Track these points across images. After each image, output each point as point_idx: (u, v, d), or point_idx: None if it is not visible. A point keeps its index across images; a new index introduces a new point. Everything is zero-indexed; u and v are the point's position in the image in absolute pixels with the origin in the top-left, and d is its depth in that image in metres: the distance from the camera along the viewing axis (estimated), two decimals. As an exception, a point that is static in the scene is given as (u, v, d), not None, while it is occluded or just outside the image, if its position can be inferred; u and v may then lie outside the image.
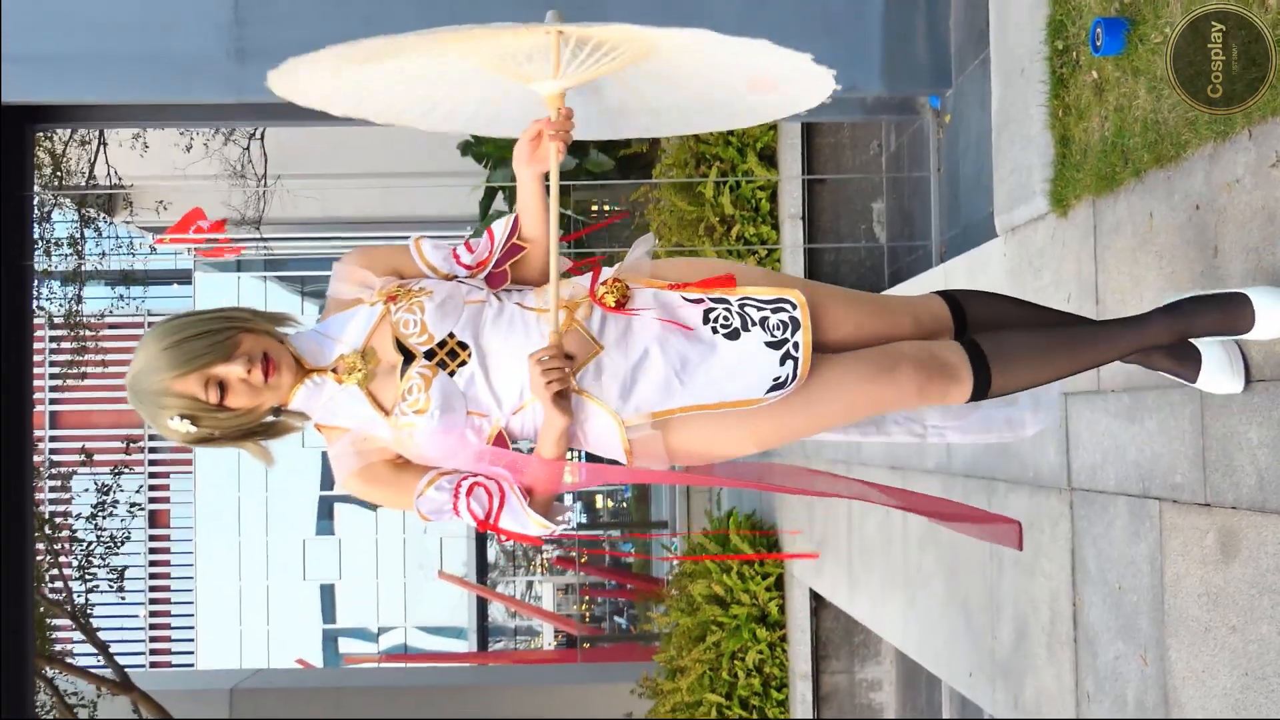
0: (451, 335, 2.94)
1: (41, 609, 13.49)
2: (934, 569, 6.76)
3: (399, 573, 32.53)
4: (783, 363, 2.97)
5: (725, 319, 3.02)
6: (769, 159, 11.00)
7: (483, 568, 32.70)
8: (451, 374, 2.94)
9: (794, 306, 3.02)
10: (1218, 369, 3.48)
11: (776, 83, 3.13)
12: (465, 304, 3.00)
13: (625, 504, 35.42)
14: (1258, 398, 3.46)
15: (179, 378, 2.82)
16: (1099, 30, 4.28)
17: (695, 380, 2.96)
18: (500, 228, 3.13)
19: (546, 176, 3.01)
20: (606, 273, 3.08)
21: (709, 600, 11.82)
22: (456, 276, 3.11)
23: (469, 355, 2.93)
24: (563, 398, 2.86)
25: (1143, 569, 4.15)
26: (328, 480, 32.61)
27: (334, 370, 2.97)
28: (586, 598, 33.30)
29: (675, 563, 13.75)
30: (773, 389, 2.97)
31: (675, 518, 21.57)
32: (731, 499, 14.15)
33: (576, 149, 17.14)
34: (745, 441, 3.07)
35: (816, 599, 10.93)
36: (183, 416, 2.85)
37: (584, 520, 34.90)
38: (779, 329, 3.00)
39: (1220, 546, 3.66)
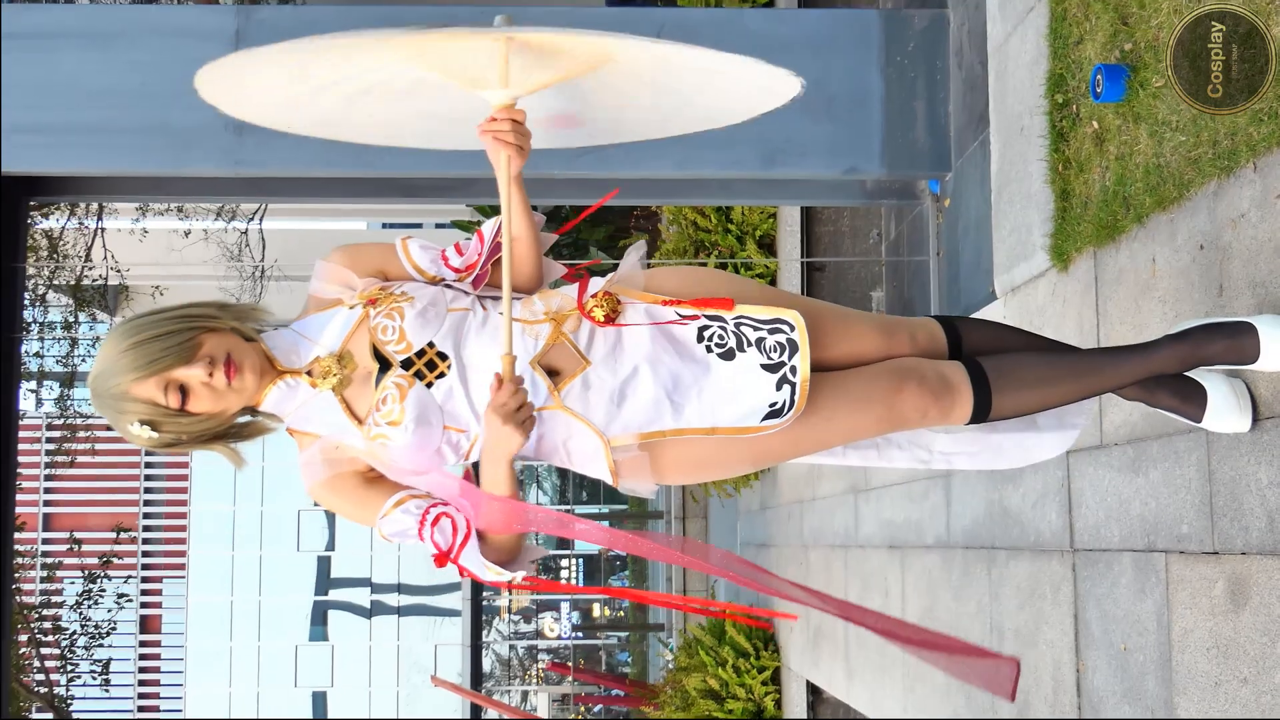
0: (431, 345, 2.81)
1: (21, 701, 13.19)
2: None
3: (392, 680, 32.07)
4: (779, 388, 2.84)
5: (720, 338, 2.88)
6: (768, 247, 10.95)
7: (477, 676, 32.25)
8: (429, 385, 2.80)
9: (791, 328, 2.87)
10: (1224, 406, 3.36)
11: (579, 119, 3.02)
12: (448, 312, 2.86)
13: (622, 612, 35.04)
14: (1267, 435, 3.33)
15: (137, 381, 2.68)
16: (1099, 77, 4.21)
17: (687, 402, 2.83)
18: (489, 228, 2.99)
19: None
20: (596, 283, 2.94)
21: (703, 695, 11.57)
22: (444, 279, 2.99)
23: (448, 367, 2.80)
24: (522, 426, 2.66)
25: (1149, 626, 3.99)
26: (323, 585, 32.34)
27: (309, 373, 2.84)
28: (582, 706, 32.81)
29: (669, 659, 13.49)
30: (769, 416, 2.83)
31: (671, 617, 21.31)
32: (728, 591, 13.93)
33: (578, 250, 17.17)
34: (742, 461, 2.94)
35: (814, 691, 10.68)
36: (143, 422, 2.72)
37: (577, 621, 34.52)
38: (776, 351, 2.86)
39: (1230, 595, 3.50)
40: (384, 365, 2.81)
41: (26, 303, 13.75)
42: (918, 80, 7.77)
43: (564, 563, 34.01)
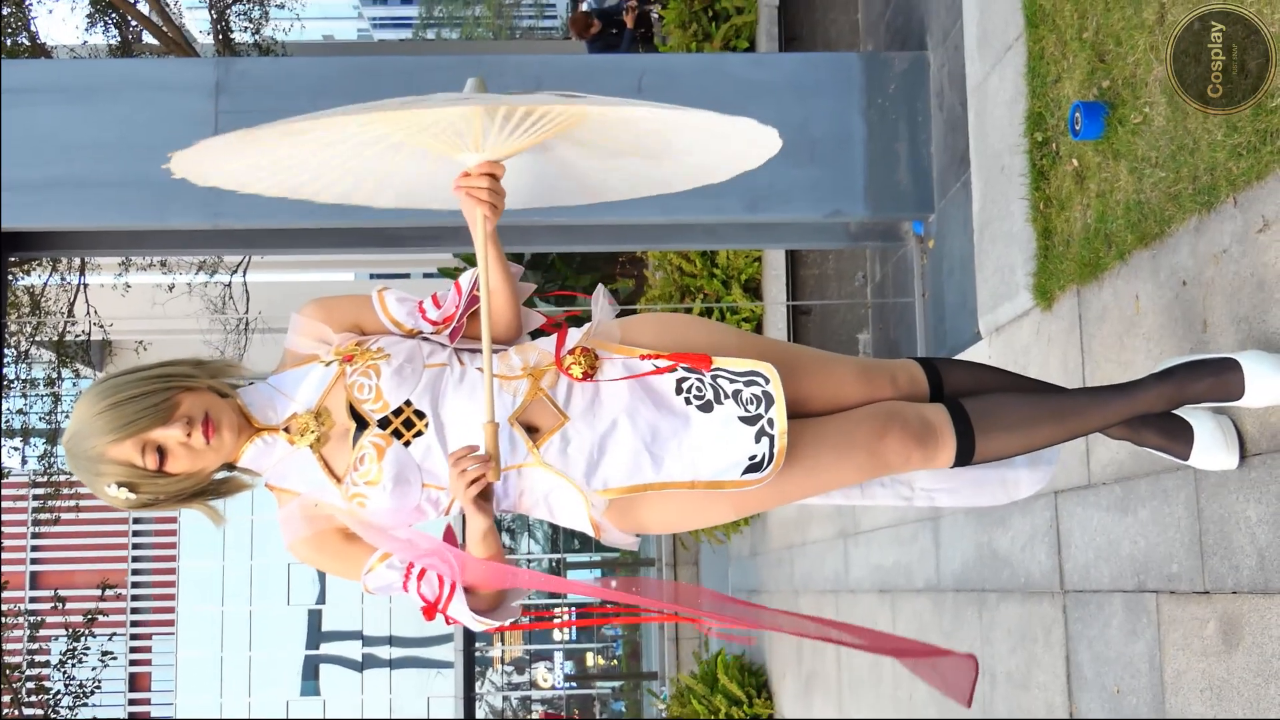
0: (408, 403, 2.77)
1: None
2: (925, 698, 6.50)
3: (385, 734, 31.85)
4: (758, 440, 2.79)
5: (698, 390, 2.84)
6: (754, 291, 10.91)
7: (470, 730, 32.04)
8: (407, 444, 2.76)
9: (767, 380, 2.83)
10: (1211, 443, 3.31)
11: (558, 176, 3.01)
12: (425, 367, 2.82)
13: (616, 660, 34.84)
14: (1254, 472, 3.28)
15: (114, 444, 2.64)
16: (1078, 114, 4.20)
17: (666, 454, 2.78)
18: (467, 280, 2.94)
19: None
20: (574, 336, 2.90)
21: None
22: (421, 332, 2.94)
23: (425, 425, 2.76)
24: (484, 499, 2.66)
25: (1141, 668, 3.93)
26: (314, 639, 32.12)
27: (286, 429, 2.79)
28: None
29: (662, 708, 13.38)
30: (749, 470, 2.78)
31: (664, 666, 21.18)
32: (720, 640, 13.83)
33: (560, 302, 17.13)
34: (725, 512, 2.90)
35: (807, 741, 10.59)
36: (120, 484, 2.67)
37: (571, 671, 34.28)
38: (753, 403, 2.81)
39: (1222, 635, 3.45)
40: (361, 424, 2.77)
41: (9, 359, 13.68)
42: (899, 122, 7.76)
43: (557, 611, 33.83)
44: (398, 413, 2.76)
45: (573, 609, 33.51)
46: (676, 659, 19.41)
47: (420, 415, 2.76)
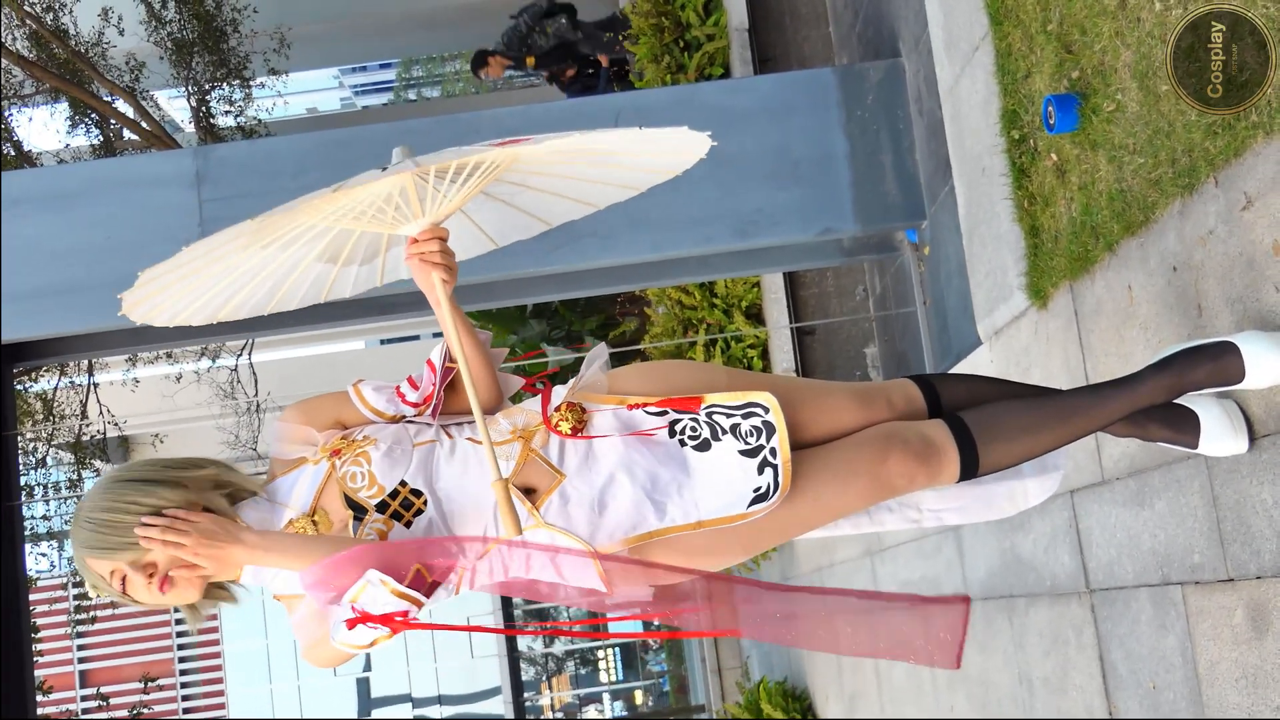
0: (404, 484, 2.74)
1: None
2: (965, 707, 6.42)
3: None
4: (761, 471, 2.75)
5: (693, 430, 2.79)
6: (755, 316, 10.86)
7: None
8: (408, 524, 2.72)
9: (765, 410, 2.79)
10: (1219, 430, 3.25)
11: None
12: (414, 447, 2.79)
13: (665, 694, 34.71)
14: (1265, 454, 3.22)
15: (89, 557, 2.67)
16: (1051, 109, 4.15)
17: (668, 500, 2.74)
18: (437, 356, 2.92)
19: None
20: (559, 393, 2.86)
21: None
22: (404, 416, 2.91)
23: (424, 503, 2.73)
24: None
25: (1174, 662, 3.86)
26: (365, 707, 32.03)
27: None
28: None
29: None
30: (755, 501, 2.73)
31: (710, 698, 21.07)
32: (762, 667, 13.75)
33: (571, 341, 17.10)
34: (733, 551, 2.84)
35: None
36: (94, 588, 2.69)
37: (625, 714, 34.12)
38: (752, 435, 2.77)
39: (1250, 622, 3.38)
40: (359, 512, 2.73)
41: (28, 467, 13.68)
42: (881, 132, 7.72)
43: (600, 654, 33.71)
44: (394, 495, 2.73)
45: (617, 648, 33.44)
46: (721, 690, 19.31)
47: (417, 494, 2.74)
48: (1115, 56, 3.85)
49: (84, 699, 27.88)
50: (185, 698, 31.07)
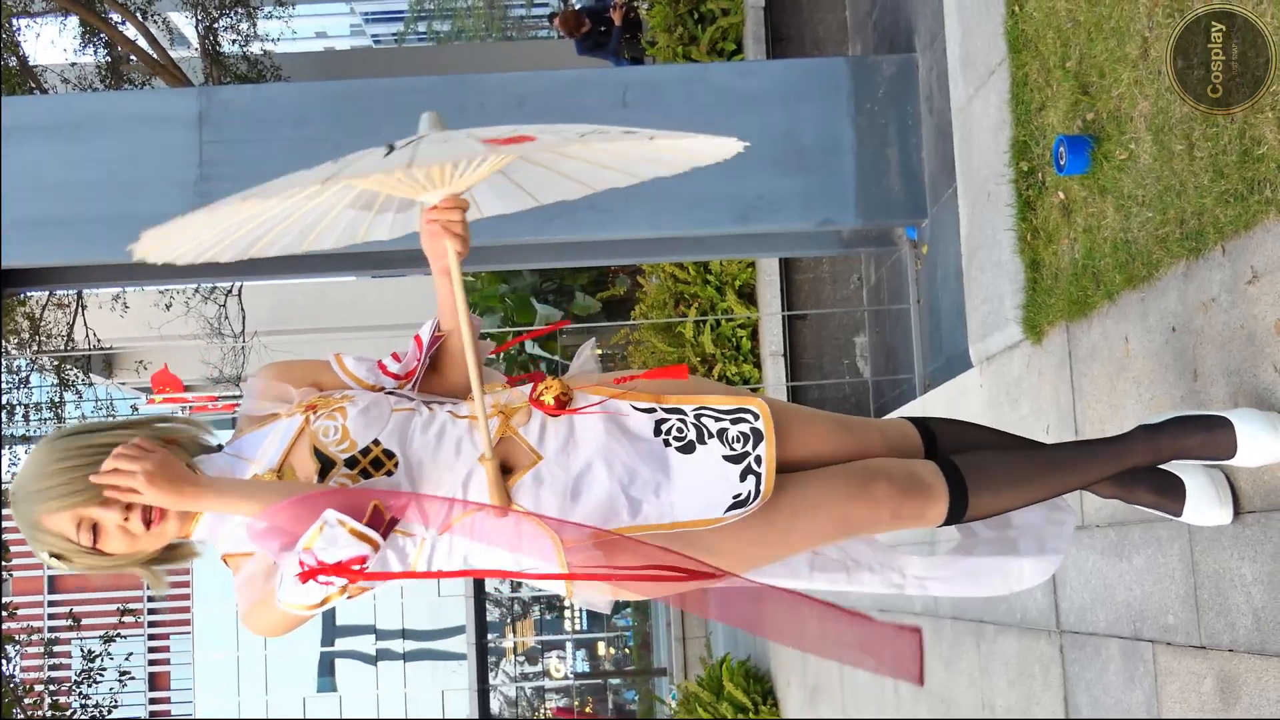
0: (376, 442, 2.63)
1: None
2: (927, 711, 6.45)
3: (401, 728, 31.89)
4: (743, 478, 2.67)
5: (679, 431, 2.71)
6: (748, 296, 10.83)
7: (486, 720, 32.06)
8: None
9: (756, 417, 2.72)
10: (1204, 500, 3.24)
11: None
12: (392, 412, 2.70)
13: (628, 650, 34.85)
14: (1249, 530, 3.22)
15: (49, 514, 2.54)
16: (1062, 149, 4.12)
17: (644, 499, 2.64)
18: (426, 331, 2.84)
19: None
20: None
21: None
22: (384, 388, 2.83)
23: (395, 465, 2.62)
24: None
25: (1139, 716, 3.87)
26: (329, 636, 32.14)
27: None
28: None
29: (672, 710, 13.36)
30: (732, 508, 2.65)
31: (672, 665, 21.14)
32: (727, 644, 13.79)
33: (563, 295, 17.08)
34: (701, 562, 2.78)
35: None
36: (53, 554, 2.57)
37: (585, 669, 34.31)
38: (739, 441, 2.70)
39: (1219, 692, 3.39)
40: (327, 466, 2.63)
41: (11, 386, 13.60)
42: (889, 127, 7.68)
43: (566, 610, 33.83)
44: (365, 452, 2.63)
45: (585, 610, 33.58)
46: (684, 660, 19.35)
47: (389, 455, 2.63)
48: (1132, 105, 3.81)
49: (51, 617, 27.82)
50: (153, 612, 31.07)
